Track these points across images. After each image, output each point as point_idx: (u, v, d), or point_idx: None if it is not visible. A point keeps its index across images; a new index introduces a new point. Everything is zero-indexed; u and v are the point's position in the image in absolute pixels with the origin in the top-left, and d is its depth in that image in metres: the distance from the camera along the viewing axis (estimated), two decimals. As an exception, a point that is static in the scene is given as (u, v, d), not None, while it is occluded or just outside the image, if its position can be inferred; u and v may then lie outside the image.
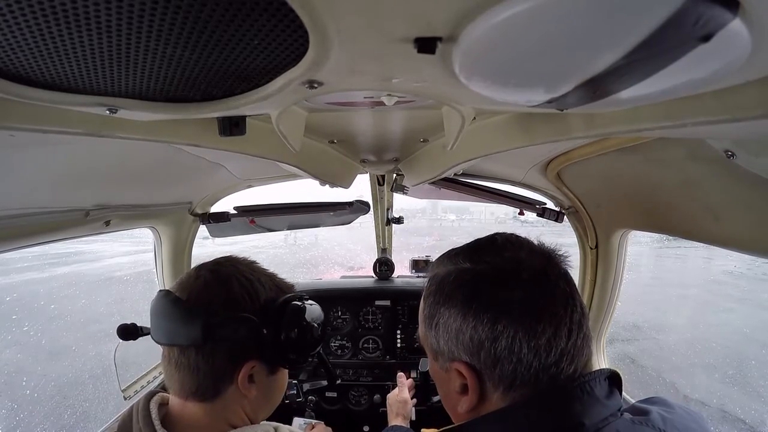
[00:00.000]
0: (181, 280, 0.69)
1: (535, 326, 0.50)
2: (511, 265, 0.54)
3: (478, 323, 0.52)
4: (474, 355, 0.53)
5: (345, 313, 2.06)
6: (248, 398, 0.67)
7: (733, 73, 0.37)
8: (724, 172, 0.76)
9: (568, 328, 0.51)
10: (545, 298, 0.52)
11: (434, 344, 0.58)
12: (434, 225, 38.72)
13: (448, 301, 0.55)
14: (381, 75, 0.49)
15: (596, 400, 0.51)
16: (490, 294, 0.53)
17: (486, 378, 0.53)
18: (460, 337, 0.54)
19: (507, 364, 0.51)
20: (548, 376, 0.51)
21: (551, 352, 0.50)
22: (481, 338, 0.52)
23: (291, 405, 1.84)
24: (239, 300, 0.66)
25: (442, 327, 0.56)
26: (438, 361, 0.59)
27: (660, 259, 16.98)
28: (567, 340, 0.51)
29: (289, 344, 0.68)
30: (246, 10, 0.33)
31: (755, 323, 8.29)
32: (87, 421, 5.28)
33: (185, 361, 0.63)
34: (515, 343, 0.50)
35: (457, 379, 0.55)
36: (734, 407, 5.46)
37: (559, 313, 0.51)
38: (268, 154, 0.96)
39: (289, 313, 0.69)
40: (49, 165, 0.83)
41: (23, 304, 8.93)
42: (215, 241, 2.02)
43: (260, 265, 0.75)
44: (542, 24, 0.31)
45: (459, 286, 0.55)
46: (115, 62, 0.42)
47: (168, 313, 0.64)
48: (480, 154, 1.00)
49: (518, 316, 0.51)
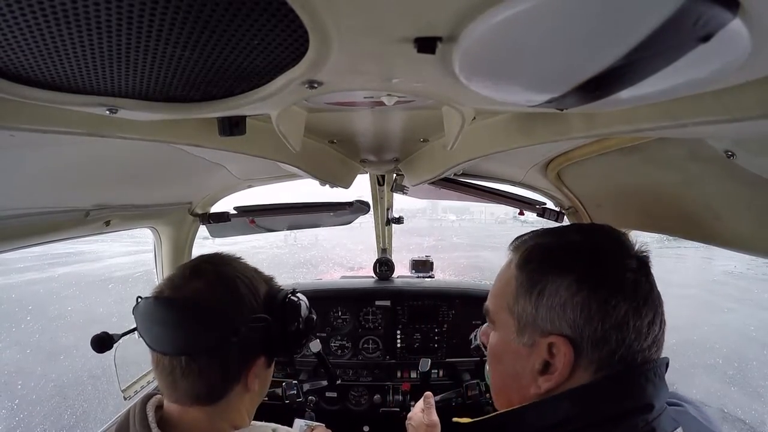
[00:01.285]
0: (173, 282, 0.65)
1: (641, 308, 0.51)
2: (622, 246, 0.55)
3: (591, 296, 0.51)
4: (578, 328, 0.51)
5: (345, 314, 2.06)
6: (250, 393, 0.68)
7: (733, 73, 0.37)
8: (724, 172, 0.76)
9: (661, 317, 0.53)
10: (648, 284, 0.53)
11: (528, 315, 0.55)
12: (434, 225, 38.76)
13: (558, 270, 0.53)
14: (381, 75, 0.49)
15: (664, 385, 0.53)
16: (608, 268, 0.53)
17: (583, 355, 0.51)
18: (567, 309, 0.52)
19: (612, 343, 0.50)
20: (641, 360, 0.52)
21: (648, 337, 0.52)
22: (592, 313, 0.50)
23: (291, 405, 1.84)
24: (246, 300, 0.66)
25: (548, 296, 0.53)
26: (522, 335, 0.56)
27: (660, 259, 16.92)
28: (660, 328, 0.53)
29: (293, 336, 0.72)
30: (246, 10, 0.33)
31: (755, 323, 8.30)
32: (87, 422, 5.28)
33: (195, 368, 0.60)
34: (624, 322, 0.50)
35: (541, 356, 0.53)
36: (734, 407, 5.46)
37: (656, 302, 0.53)
38: (268, 154, 0.96)
39: (290, 307, 0.72)
40: (49, 165, 0.83)
41: (23, 304, 8.93)
42: (215, 241, 2.02)
43: (243, 260, 0.75)
44: (542, 24, 0.31)
45: (573, 256, 0.54)
46: (115, 62, 0.42)
47: (175, 321, 0.61)
48: (480, 154, 1.00)
49: (629, 296, 0.51)
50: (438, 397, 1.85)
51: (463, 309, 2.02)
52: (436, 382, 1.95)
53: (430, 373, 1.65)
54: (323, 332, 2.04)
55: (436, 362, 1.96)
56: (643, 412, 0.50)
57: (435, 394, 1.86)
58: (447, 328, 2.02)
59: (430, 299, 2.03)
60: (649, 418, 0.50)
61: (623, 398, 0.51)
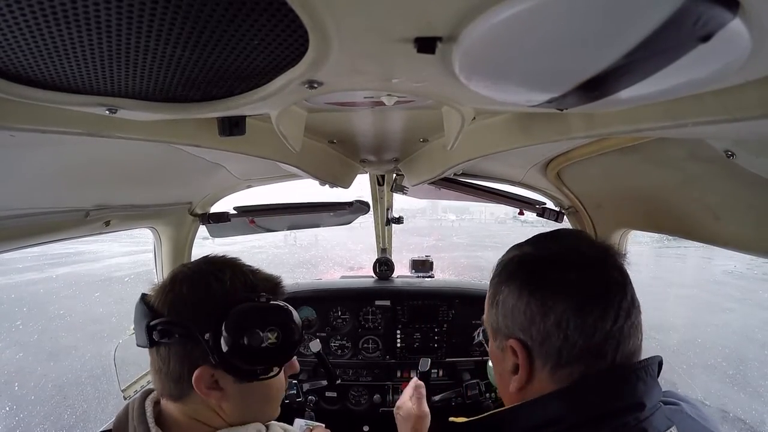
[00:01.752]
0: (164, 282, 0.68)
1: (582, 305, 0.53)
2: (570, 253, 0.58)
3: (531, 299, 0.56)
4: (526, 330, 0.56)
5: (345, 313, 2.06)
6: (216, 404, 0.64)
7: (733, 73, 0.37)
8: (724, 172, 0.76)
9: (615, 312, 0.53)
10: (597, 283, 0.55)
11: (494, 322, 0.62)
12: (434, 225, 38.77)
13: (508, 280, 0.60)
14: (381, 75, 0.49)
15: (655, 384, 0.54)
16: (546, 274, 0.57)
17: (535, 355, 0.56)
18: (515, 313, 0.57)
19: (555, 340, 0.53)
20: (592, 357, 0.53)
21: (596, 333, 0.52)
22: (533, 313, 0.55)
23: (291, 405, 1.84)
24: (186, 302, 0.62)
25: (501, 304, 0.60)
26: (496, 340, 0.63)
27: (660, 259, 16.99)
28: (613, 323, 0.53)
29: (236, 353, 0.60)
30: (246, 10, 0.33)
31: (755, 323, 8.30)
32: (87, 422, 5.28)
33: (153, 362, 0.64)
34: (563, 319, 0.53)
35: (510, 358, 0.59)
36: (734, 407, 5.46)
37: (608, 298, 0.54)
38: (268, 154, 0.96)
39: (231, 318, 0.61)
40: (49, 165, 0.83)
41: (23, 305, 8.94)
42: (215, 241, 2.02)
43: (240, 261, 0.70)
44: (542, 24, 0.31)
45: (520, 267, 0.60)
46: (115, 62, 0.42)
47: (135, 313, 0.65)
48: (480, 154, 1.00)
49: (569, 295, 0.54)
50: (438, 396, 1.86)
51: (463, 309, 2.02)
52: (436, 382, 1.95)
53: (430, 373, 1.65)
54: (323, 332, 2.04)
55: (435, 362, 1.96)
56: (635, 410, 0.50)
57: (435, 394, 1.88)
58: (447, 328, 2.02)
59: (430, 299, 2.03)
60: (641, 417, 0.50)
61: (613, 396, 0.51)
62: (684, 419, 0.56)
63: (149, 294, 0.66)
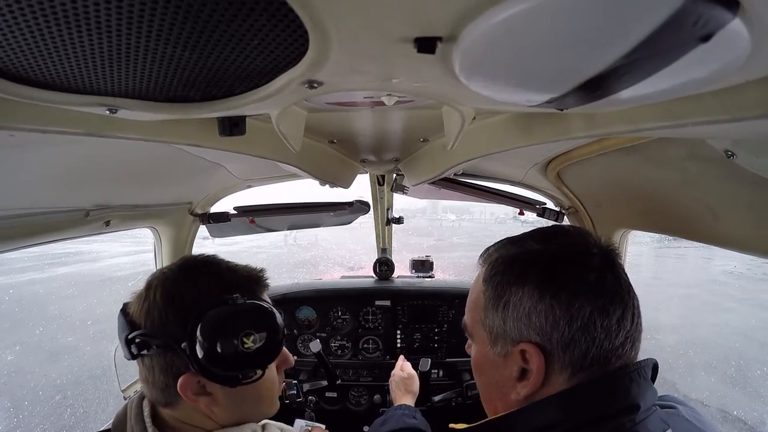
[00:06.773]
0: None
1: (607, 306, 0.51)
2: (582, 248, 0.56)
3: (554, 302, 0.52)
4: (546, 334, 0.52)
5: (345, 313, 2.06)
6: (206, 408, 0.63)
7: (733, 73, 0.37)
8: (724, 172, 0.76)
9: (632, 311, 0.53)
10: (614, 280, 0.53)
11: (497, 326, 0.56)
12: (434, 225, 38.75)
13: (520, 280, 0.55)
14: (381, 75, 0.49)
15: (649, 386, 0.53)
16: (567, 273, 0.53)
17: (555, 360, 0.52)
18: (532, 317, 0.53)
19: (582, 345, 0.51)
20: (615, 358, 0.52)
21: (620, 333, 0.51)
22: (557, 318, 0.51)
23: (291, 405, 1.84)
24: (160, 311, 0.61)
25: (512, 307, 0.54)
26: (495, 346, 0.57)
27: (660, 259, 16.98)
28: (631, 323, 0.52)
29: (213, 360, 0.58)
30: (246, 10, 0.33)
31: (755, 323, 8.30)
32: (87, 422, 5.28)
33: (140, 371, 0.65)
34: (590, 322, 0.50)
35: (516, 364, 0.55)
36: (734, 407, 5.46)
37: (624, 297, 0.53)
38: (268, 154, 0.96)
39: (204, 325, 0.58)
40: (49, 165, 0.83)
41: (23, 305, 8.94)
42: (215, 241, 2.02)
43: (218, 259, 0.68)
44: (542, 24, 0.31)
45: (532, 266, 0.55)
46: (115, 62, 0.42)
47: (117, 325, 0.65)
48: (480, 154, 1.00)
49: (593, 296, 0.51)
50: (438, 397, 1.86)
51: (463, 309, 2.00)
52: (436, 382, 1.95)
53: (430, 373, 1.65)
54: (323, 332, 2.04)
55: (436, 362, 1.96)
56: (629, 412, 0.50)
57: (435, 394, 1.88)
58: (447, 328, 2.02)
59: (430, 299, 2.03)
60: (636, 419, 0.50)
61: (608, 399, 0.51)
62: (680, 422, 0.56)
63: (130, 303, 0.65)
